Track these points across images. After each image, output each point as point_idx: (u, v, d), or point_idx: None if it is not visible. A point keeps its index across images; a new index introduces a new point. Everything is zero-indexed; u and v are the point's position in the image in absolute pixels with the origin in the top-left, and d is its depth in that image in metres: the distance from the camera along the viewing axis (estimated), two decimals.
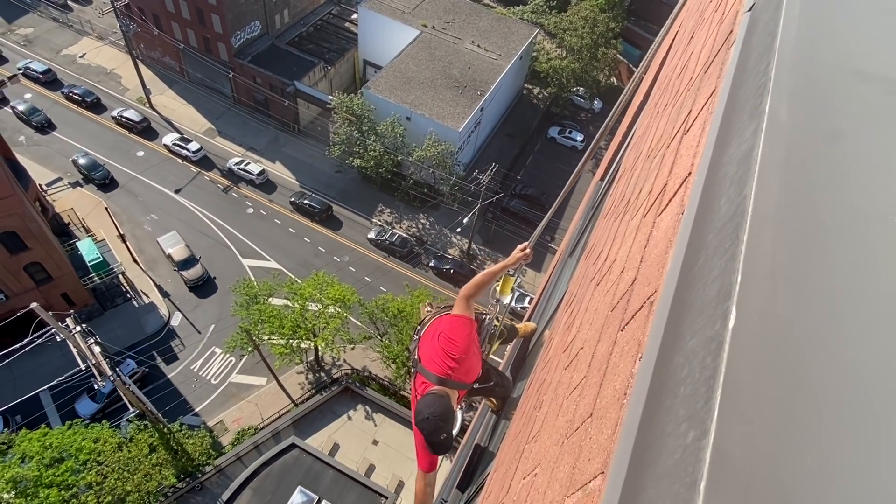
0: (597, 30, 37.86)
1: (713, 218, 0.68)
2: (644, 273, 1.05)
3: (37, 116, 36.25)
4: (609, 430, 0.78)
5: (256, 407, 27.71)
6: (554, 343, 2.40)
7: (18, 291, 26.68)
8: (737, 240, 0.57)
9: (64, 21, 43.53)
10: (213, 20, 36.31)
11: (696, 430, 0.46)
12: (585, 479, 0.80)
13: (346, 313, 26.05)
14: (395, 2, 38.92)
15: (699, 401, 0.48)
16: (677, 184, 1.14)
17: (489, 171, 31.65)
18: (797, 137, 0.66)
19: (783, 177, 0.62)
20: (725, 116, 0.83)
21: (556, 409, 1.36)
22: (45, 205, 30.31)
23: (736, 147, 0.74)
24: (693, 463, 0.44)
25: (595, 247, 2.44)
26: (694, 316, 0.59)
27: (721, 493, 0.44)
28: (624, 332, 1.00)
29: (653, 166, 1.71)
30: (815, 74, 0.74)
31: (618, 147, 6.12)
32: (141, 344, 28.43)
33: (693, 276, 0.65)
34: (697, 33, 2.34)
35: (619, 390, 0.82)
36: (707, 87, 1.38)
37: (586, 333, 1.43)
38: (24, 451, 20.48)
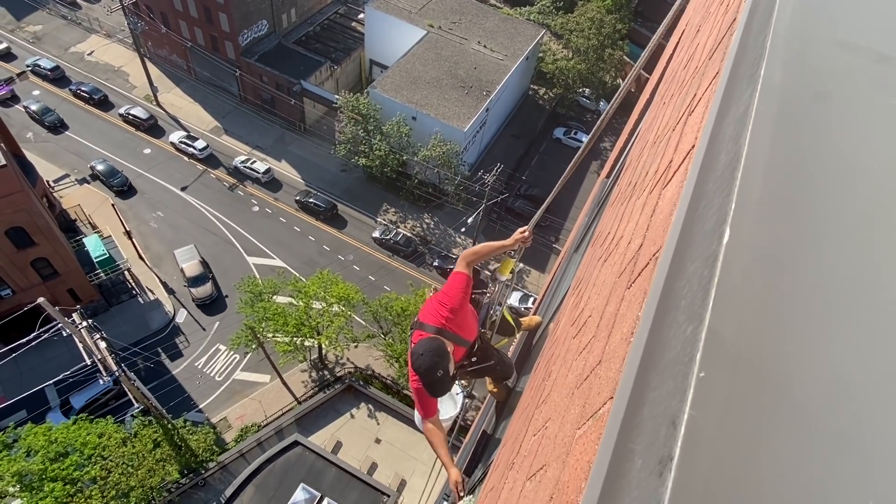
0: (603, 31, 37.91)
1: (713, 169, 0.77)
2: (650, 237, 1.14)
3: (49, 116, 36.41)
4: (617, 365, 0.86)
5: (260, 404, 27.85)
6: (561, 324, 2.49)
7: (25, 286, 26.89)
8: (732, 180, 0.65)
9: (72, 18, 43.85)
10: (221, 19, 36.54)
11: (694, 324, 0.54)
12: (595, 409, 0.88)
13: (349, 312, 26.16)
14: (402, 2, 39.07)
15: (697, 303, 0.57)
16: (681, 157, 1.23)
17: (494, 171, 31.73)
18: (788, 97, 0.75)
19: (774, 129, 0.70)
20: (728, 89, 0.92)
21: (566, 371, 1.44)
22: (52, 201, 30.55)
23: (734, 110, 0.82)
24: (691, 346, 0.51)
25: (602, 232, 2.52)
26: (694, 247, 0.67)
27: (714, 364, 0.52)
28: (631, 289, 1.08)
29: (658, 150, 1.79)
30: (807, 45, 0.83)
31: (623, 144, 6.20)
32: (146, 340, 28.60)
33: (694, 220, 0.73)
34: (703, 26, 2.43)
35: (627, 333, 0.90)
36: (711, 71, 1.46)
37: (594, 303, 1.52)
38: (30, 446, 20.64)
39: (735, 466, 0.47)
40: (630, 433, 0.56)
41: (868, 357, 0.51)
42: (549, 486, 0.96)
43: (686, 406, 0.48)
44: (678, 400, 0.49)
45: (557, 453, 1.02)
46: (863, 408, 0.48)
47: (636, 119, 5.92)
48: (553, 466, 1.00)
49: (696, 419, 0.47)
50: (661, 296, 0.65)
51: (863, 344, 0.53)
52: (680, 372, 0.52)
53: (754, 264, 0.56)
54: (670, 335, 0.60)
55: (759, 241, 0.58)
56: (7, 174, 23.02)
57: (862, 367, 0.51)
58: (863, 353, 0.52)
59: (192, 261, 30.77)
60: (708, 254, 0.61)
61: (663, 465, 0.45)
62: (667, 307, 0.64)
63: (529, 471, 1.26)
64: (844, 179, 0.64)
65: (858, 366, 0.51)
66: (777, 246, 0.58)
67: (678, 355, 0.54)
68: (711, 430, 0.48)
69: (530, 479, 1.21)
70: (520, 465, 1.45)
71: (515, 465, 1.53)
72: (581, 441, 0.87)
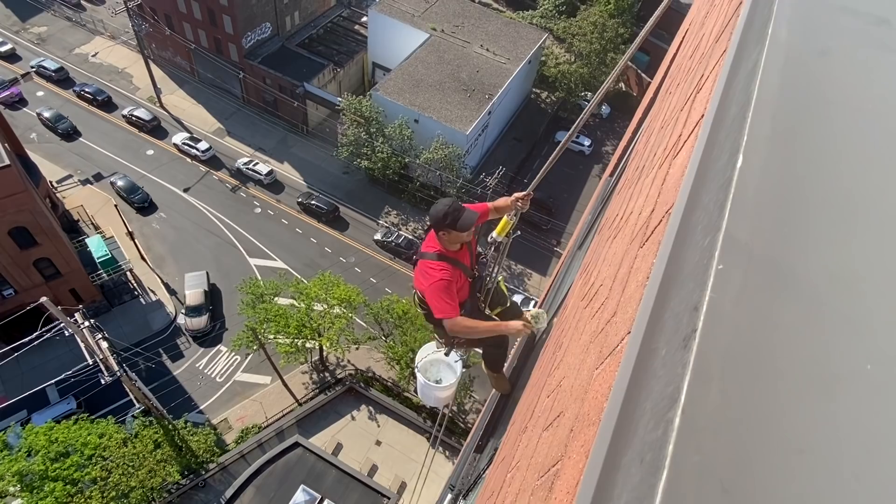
0: (606, 35, 38.08)
1: (725, 119, 0.84)
2: (662, 201, 1.20)
3: (62, 124, 36.27)
4: (633, 306, 0.92)
5: (260, 405, 27.88)
6: (569, 307, 2.55)
7: (27, 286, 26.98)
8: (743, 120, 0.72)
9: (77, 20, 44.11)
10: (225, 21, 36.74)
11: (711, 234, 0.61)
12: (612, 347, 0.94)
13: (351, 314, 26.22)
14: (405, 5, 39.27)
15: (713, 219, 0.63)
16: (691, 129, 1.29)
17: (496, 174, 31.84)
18: (793, 52, 0.82)
19: (781, 78, 0.77)
20: (738, 49, 0.99)
21: (578, 336, 1.51)
22: (55, 201, 30.67)
23: (744, 66, 0.89)
24: (709, 251, 0.58)
25: (609, 218, 2.59)
26: (709, 182, 0.74)
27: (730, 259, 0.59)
28: (644, 247, 1.15)
29: (666, 132, 1.86)
30: (811, 9, 0.90)
31: (627, 143, 6.28)
32: (147, 341, 28.65)
33: (708, 163, 0.80)
34: (709, 15, 2.50)
35: (642, 280, 0.97)
36: (718, 51, 1.53)
37: (605, 273, 1.58)
38: (31, 445, 20.67)
39: (751, 338, 0.54)
40: (653, 336, 0.62)
41: (864, 255, 0.58)
42: (568, 424, 1.02)
43: (707, 292, 0.55)
44: (699, 291, 0.56)
45: (575, 396, 1.08)
46: (861, 295, 0.55)
47: (639, 119, 5.99)
48: (571, 408, 1.07)
49: (716, 301, 0.54)
50: (681, 222, 0.72)
51: (859, 244, 0.59)
52: (699, 271, 0.59)
53: (765, 183, 0.63)
54: (689, 251, 0.66)
55: (769, 165, 0.65)
56: (10, 174, 23.14)
57: (858, 263, 0.57)
58: (865, 249, 0.59)
59: (197, 289, 29.78)
60: (723, 181, 0.67)
61: (688, 340, 0.52)
62: (685, 232, 0.71)
63: (545, 423, 1.32)
64: (845, 118, 0.71)
65: (861, 259, 0.57)
66: (786, 169, 0.65)
67: (697, 261, 0.61)
68: (729, 309, 0.56)
69: (546, 429, 1.27)
70: (534, 425, 1.51)
71: (529, 428, 1.59)
72: (600, 378, 0.94)
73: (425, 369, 4.44)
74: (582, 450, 0.82)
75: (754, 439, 0.47)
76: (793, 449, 0.46)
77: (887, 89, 0.76)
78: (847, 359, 0.52)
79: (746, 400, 0.49)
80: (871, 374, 0.50)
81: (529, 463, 1.31)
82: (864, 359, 0.52)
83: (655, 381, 0.56)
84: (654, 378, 0.57)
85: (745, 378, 0.50)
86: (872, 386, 0.50)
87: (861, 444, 0.46)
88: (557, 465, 0.95)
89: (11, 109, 36.70)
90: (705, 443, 0.46)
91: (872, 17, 0.87)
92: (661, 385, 0.54)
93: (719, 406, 0.49)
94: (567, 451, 0.93)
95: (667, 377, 0.53)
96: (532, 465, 1.26)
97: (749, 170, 0.65)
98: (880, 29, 0.85)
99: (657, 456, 0.47)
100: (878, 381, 0.50)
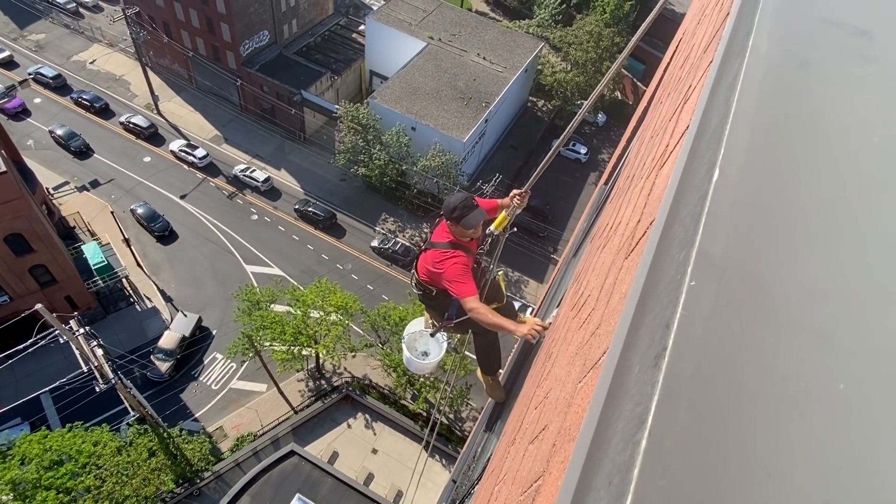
0: (602, 44, 38.34)
1: (706, 131, 0.83)
2: (647, 212, 1.20)
3: (75, 141, 35.67)
4: (615, 320, 0.91)
5: (256, 413, 27.72)
6: (560, 315, 2.54)
7: (23, 293, 26.85)
8: (721, 132, 0.72)
9: (75, 28, 44.19)
10: (223, 29, 36.86)
11: (686, 249, 0.60)
12: (595, 360, 0.93)
13: (347, 321, 26.13)
14: (403, 14, 39.47)
15: (689, 233, 0.62)
16: (678, 139, 1.29)
17: (493, 181, 31.90)
18: (773, 64, 0.81)
19: (760, 90, 0.77)
20: (721, 63, 0.98)
21: (566, 346, 1.49)
22: (51, 208, 30.58)
23: (726, 79, 0.89)
24: (683, 266, 0.57)
25: (601, 227, 2.58)
26: (688, 197, 0.73)
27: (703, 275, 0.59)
28: (629, 258, 1.14)
29: (655, 141, 1.86)
30: (792, 21, 0.90)
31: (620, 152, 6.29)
32: (143, 348, 28.50)
33: (689, 175, 0.79)
34: (700, 26, 2.51)
35: (624, 292, 0.96)
36: (705, 62, 1.53)
37: (593, 283, 1.57)
38: (25, 453, 20.50)
39: (721, 357, 0.53)
40: (629, 352, 0.61)
41: (839, 270, 0.57)
42: (551, 438, 1.01)
43: (678, 309, 0.54)
44: (671, 308, 0.55)
45: (559, 410, 1.07)
46: (836, 311, 0.54)
47: (633, 127, 6.01)
48: (555, 422, 1.05)
49: (687, 318, 0.53)
50: (661, 235, 0.71)
51: (835, 259, 0.58)
52: (673, 287, 0.58)
53: (740, 197, 0.63)
54: (666, 265, 0.65)
55: (745, 179, 0.64)
56: (7, 181, 23.09)
57: (834, 278, 0.56)
58: (834, 267, 0.58)
59: (175, 333, 28.06)
60: (700, 194, 0.67)
61: (658, 358, 0.51)
62: (664, 245, 0.70)
63: (532, 436, 1.31)
64: (824, 130, 0.70)
65: (830, 278, 0.56)
66: (762, 182, 0.64)
67: (672, 276, 0.60)
68: (700, 327, 0.55)
69: (532, 442, 1.26)
70: (522, 437, 1.50)
71: (517, 440, 1.58)
72: (582, 391, 0.93)
73: (413, 340, 4.80)
74: (562, 466, 0.81)
75: (722, 462, 0.45)
76: (762, 472, 0.44)
77: (867, 101, 0.76)
78: (819, 378, 0.50)
79: (715, 421, 0.48)
80: (844, 394, 0.49)
81: (515, 477, 1.30)
82: (837, 378, 0.51)
83: (627, 400, 0.55)
84: (627, 396, 0.56)
85: (714, 399, 0.49)
86: (845, 406, 0.49)
87: (832, 467, 0.45)
88: (539, 481, 0.94)
89: (14, 120, 36.51)
90: (672, 466, 0.45)
91: (853, 29, 0.87)
92: (631, 404, 0.53)
93: (687, 428, 0.47)
94: (549, 467, 0.92)
95: (637, 396, 0.52)
96: (517, 480, 1.25)
97: (725, 183, 0.64)
98: (860, 41, 0.84)
99: (624, 479, 0.46)
100: (850, 400, 0.49)
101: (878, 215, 0.63)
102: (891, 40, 0.87)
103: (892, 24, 0.91)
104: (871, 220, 0.61)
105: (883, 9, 0.93)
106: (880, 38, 0.86)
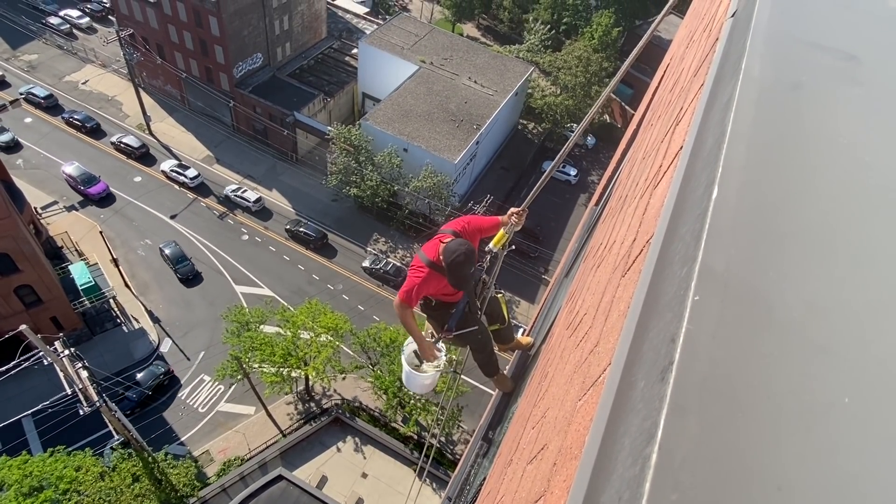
0: (590, 69, 39.05)
1: (702, 151, 0.85)
2: (643, 230, 1.21)
3: (183, 267, 32.43)
4: (615, 338, 0.92)
5: (244, 437, 27.23)
6: (555, 335, 2.54)
7: (7, 314, 26.41)
8: (719, 151, 0.73)
9: (68, 49, 44.35)
10: (216, 51, 37.16)
11: (688, 265, 0.61)
12: (595, 378, 0.93)
13: (338, 342, 25.90)
14: (395, 38, 40.05)
15: (690, 250, 0.63)
16: (671, 159, 1.31)
17: (484, 202, 32.08)
18: (766, 86, 0.84)
19: (755, 111, 0.79)
20: (714, 84, 1.01)
21: (563, 365, 1.49)
22: (39, 227, 30.29)
23: (720, 100, 0.91)
24: (686, 281, 0.58)
25: (594, 247, 2.60)
26: (686, 214, 0.74)
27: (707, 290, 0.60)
28: (626, 276, 1.15)
29: (647, 162, 1.89)
30: (783, 46, 0.93)
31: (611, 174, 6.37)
32: (129, 370, 28.03)
33: (686, 193, 0.81)
34: (688, 52, 2.57)
35: (623, 310, 0.97)
36: (696, 84, 1.56)
37: (589, 302, 1.58)
38: (3, 479, 19.95)
39: (728, 370, 0.53)
40: (632, 368, 0.61)
41: (838, 285, 0.58)
42: (551, 458, 1.00)
43: (683, 324, 0.54)
44: (676, 323, 0.56)
45: (558, 429, 1.06)
46: (837, 325, 0.55)
47: (623, 149, 6.10)
48: (554, 441, 1.04)
49: (692, 333, 0.53)
50: (660, 252, 0.72)
51: (833, 274, 0.59)
52: (676, 302, 0.58)
53: (741, 213, 0.64)
54: (667, 281, 0.66)
55: (744, 196, 0.66)
56: None
57: (833, 293, 0.57)
58: (833, 281, 0.59)
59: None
60: (699, 211, 0.68)
61: (665, 372, 0.51)
62: (664, 262, 0.71)
63: (530, 456, 1.30)
64: (818, 149, 0.72)
65: (830, 292, 0.57)
66: (761, 199, 0.65)
67: (675, 292, 0.61)
68: (706, 340, 0.55)
69: (531, 462, 1.25)
70: (519, 457, 1.48)
71: (514, 461, 1.56)
72: (582, 409, 0.92)
73: (413, 356, 4.78)
74: (564, 485, 0.80)
75: (733, 476, 0.45)
76: (771, 486, 0.44)
77: (857, 122, 0.78)
78: (824, 392, 0.51)
79: (724, 434, 0.48)
80: (849, 408, 0.49)
81: (514, 498, 1.28)
82: (842, 392, 0.51)
83: (634, 416, 0.55)
84: (633, 412, 0.56)
85: (723, 411, 0.49)
86: (850, 419, 0.49)
87: (840, 480, 0.45)
88: (540, 502, 0.93)
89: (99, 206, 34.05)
90: (683, 480, 0.45)
91: (841, 54, 0.90)
92: (639, 419, 0.53)
93: (697, 441, 0.48)
94: (550, 486, 0.91)
95: (645, 411, 0.52)
96: (516, 500, 1.23)
97: (724, 201, 0.65)
98: (849, 64, 0.87)
99: (634, 494, 0.46)
100: (855, 414, 0.49)
101: (872, 231, 0.64)
102: (878, 64, 0.90)
103: (878, 49, 0.94)
104: (865, 236, 0.63)
105: (869, 35, 0.97)
106: (868, 63, 0.89)
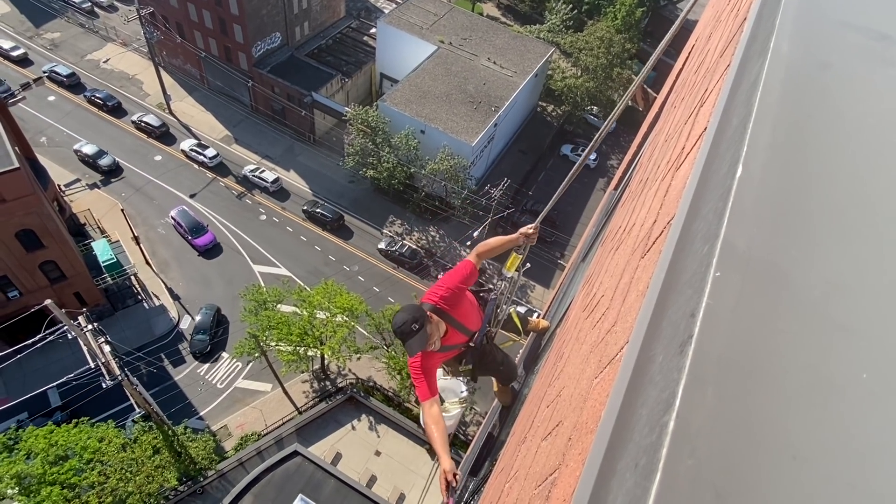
0: (612, 50, 38.32)
1: (726, 131, 0.84)
2: (664, 213, 1.21)
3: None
4: (633, 317, 0.92)
5: (261, 413, 27.80)
6: (571, 317, 2.55)
7: (32, 289, 27.09)
8: (744, 131, 0.73)
9: (90, 27, 44.67)
10: (235, 30, 37.15)
11: (710, 242, 0.61)
12: (612, 356, 0.94)
13: (353, 323, 26.18)
14: (414, 17, 39.63)
15: (712, 228, 0.64)
16: (694, 140, 1.30)
17: (501, 185, 31.92)
18: (794, 65, 0.83)
19: (782, 90, 0.78)
20: (741, 63, 1.00)
21: (580, 346, 1.50)
22: (62, 205, 30.87)
23: (745, 82, 0.90)
24: (707, 258, 0.59)
25: (612, 230, 2.59)
26: (709, 194, 0.74)
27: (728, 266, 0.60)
28: (645, 258, 1.15)
29: (670, 144, 1.87)
30: (813, 24, 0.91)
31: (632, 157, 6.29)
32: (149, 345, 28.68)
33: (709, 174, 0.81)
34: (714, 33, 2.52)
35: (642, 290, 0.97)
36: (722, 65, 1.54)
37: (607, 284, 1.58)
38: (30, 448, 20.64)
39: (747, 343, 0.54)
40: (651, 344, 0.63)
41: (860, 264, 0.58)
42: (566, 433, 1.02)
43: (704, 299, 0.55)
44: (696, 298, 0.56)
45: (574, 406, 1.08)
46: (857, 304, 0.55)
47: (645, 132, 6.01)
48: (570, 417, 1.06)
49: (712, 307, 0.54)
50: (681, 231, 0.72)
51: (856, 254, 0.60)
52: (697, 279, 0.59)
53: (764, 192, 0.64)
54: (688, 259, 0.67)
55: (768, 175, 0.66)
56: (20, 177, 23.33)
57: (854, 272, 0.58)
58: (855, 261, 0.59)
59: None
60: (722, 190, 0.68)
61: (684, 345, 0.53)
62: (685, 241, 0.71)
63: (545, 433, 1.32)
64: (845, 129, 0.72)
65: (851, 271, 0.58)
66: (785, 178, 0.65)
67: (696, 269, 0.62)
68: (726, 315, 0.56)
69: (545, 438, 1.27)
70: (533, 435, 1.51)
71: (528, 438, 1.59)
72: (598, 387, 0.94)
73: None
74: (579, 457, 0.82)
75: (748, 444, 0.47)
76: (786, 455, 0.46)
77: (887, 103, 0.77)
78: (842, 367, 0.52)
79: (741, 405, 0.49)
80: (867, 383, 0.50)
81: (528, 472, 1.31)
82: (860, 367, 0.52)
83: (652, 387, 0.56)
84: (651, 384, 0.57)
85: (740, 383, 0.50)
86: (867, 395, 0.50)
87: (855, 452, 0.46)
88: (555, 474, 0.95)
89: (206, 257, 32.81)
90: (699, 447, 0.46)
91: (874, 33, 0.88)
92: (657, 391, 0.54)
93: (714, 410, 0.49)
94: (565, 460, 0.93)
95: (663, 382, 0.54)
96: (530, 475, 1.26)
97: (748, 179, 0.65)
98: (881, 44, 0.86)
99: (651, 460, 0.47)
100: (873, 389, 0.50)
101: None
102: None
103: None
104: (890, 217, 0.63)
105: None
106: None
